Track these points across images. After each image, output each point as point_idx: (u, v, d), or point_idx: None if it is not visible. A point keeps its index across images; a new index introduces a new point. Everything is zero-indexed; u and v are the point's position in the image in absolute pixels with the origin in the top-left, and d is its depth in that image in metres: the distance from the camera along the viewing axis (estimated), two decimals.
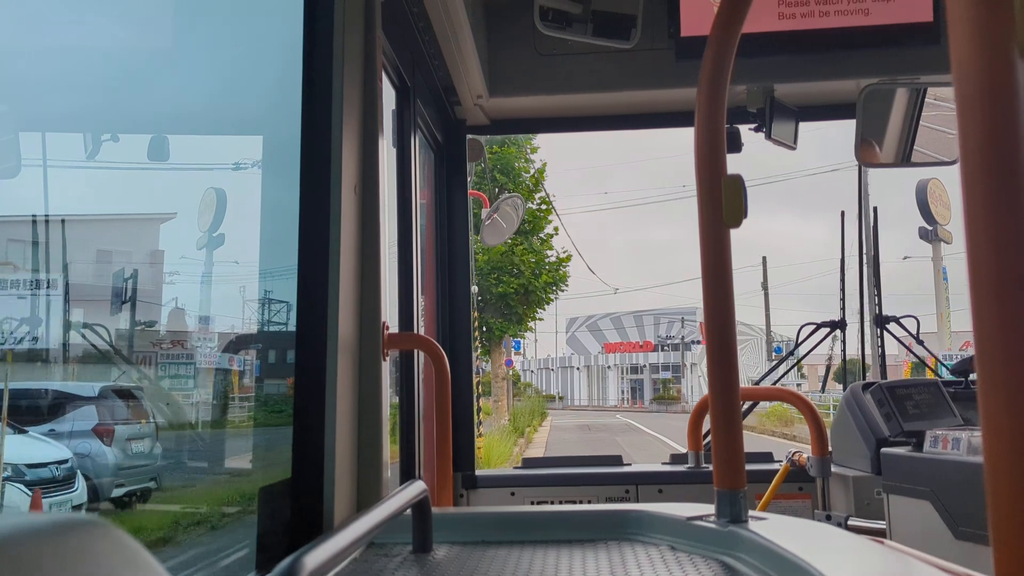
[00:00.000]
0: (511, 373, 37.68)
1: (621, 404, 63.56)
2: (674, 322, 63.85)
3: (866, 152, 3.01)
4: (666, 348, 62.49)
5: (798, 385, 47.85)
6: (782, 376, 4.27)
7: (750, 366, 54.12)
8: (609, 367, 67.27)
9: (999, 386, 0.53)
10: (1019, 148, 0.53)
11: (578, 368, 69.59)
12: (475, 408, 3.26)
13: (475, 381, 3.24)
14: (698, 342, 58.16)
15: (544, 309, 26.04)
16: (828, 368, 5.91)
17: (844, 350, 4.85)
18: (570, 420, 39.08)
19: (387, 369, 1.68)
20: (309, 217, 1.53)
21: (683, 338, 59.60)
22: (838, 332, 4.48)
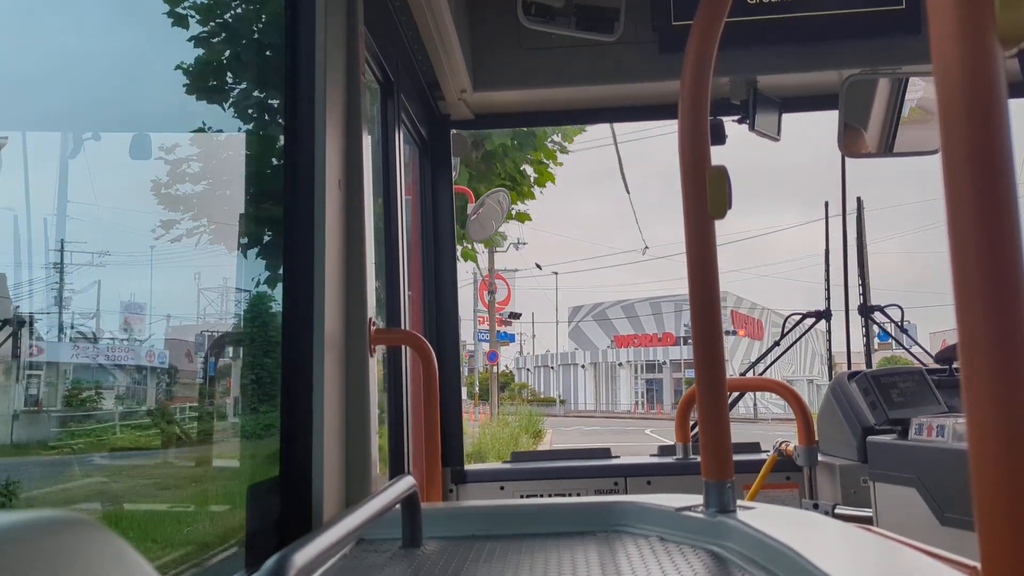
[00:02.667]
0: (496, 369, 34.04)
1: (635, 408, 52.39)
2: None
3: (850, 142, 3.02)
4: (691, 341, 52.93)
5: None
6: (769, 366, 4.29)
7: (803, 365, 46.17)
8: (620, 364, 55.19)
9: (982, 373, 0.54)
10: (1000, 138, 0.53)
11: (583, 366, 57.56)
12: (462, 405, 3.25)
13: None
14: (732, 333, 47.67)
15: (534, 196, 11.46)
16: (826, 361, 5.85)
17: (829, 339, 4.88)
18: (579, 440, 25.54)
19: (374, 365, 1.68)
20: (294, 213, 1.52)
21: None
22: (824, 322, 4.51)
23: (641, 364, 54.11)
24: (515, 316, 37.45)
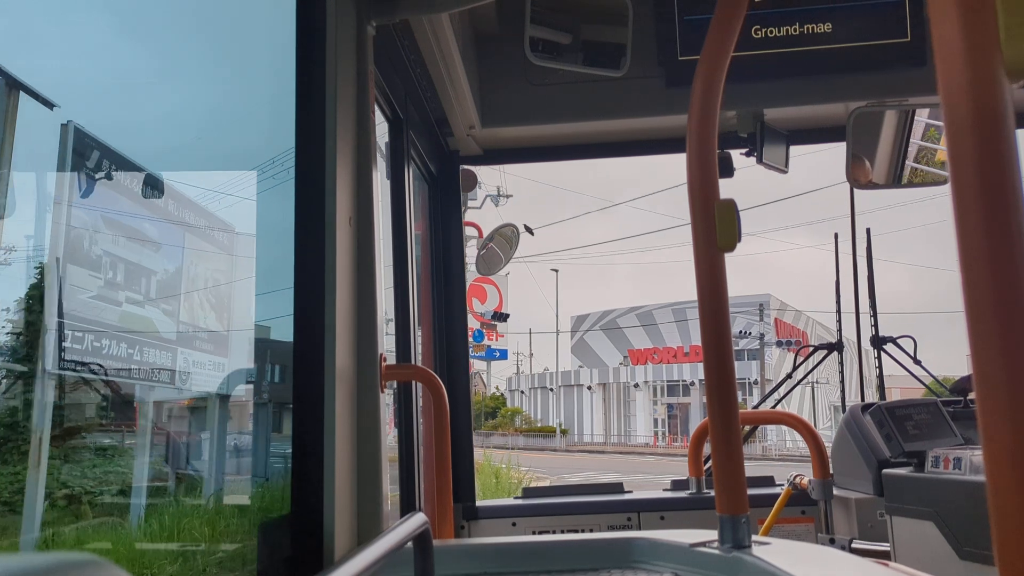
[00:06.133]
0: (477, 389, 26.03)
1: (655, 441, 42.82)
2: (739, 316, 38.71)
3: (857, 174, 3.03)
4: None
5: None
6: (782, 399, 4.26)
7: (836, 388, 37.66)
8: (636, 385, 44.94)
9: (998, 405, 0.53)
10: (1009, 167, 0.54)
11: (589, 387, 46.82)
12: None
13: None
14: (783, 344, 39.23)
15: None
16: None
17: (842, 371, 4.85)
18: None
19: (385, 401, 1.67)
20: (304, 250, 1.53)
21: (762, 338, 38.02)
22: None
23: (662, 385, 44.65)
24: (501, 317, 29.49)
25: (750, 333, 39.36)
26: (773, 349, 39.78)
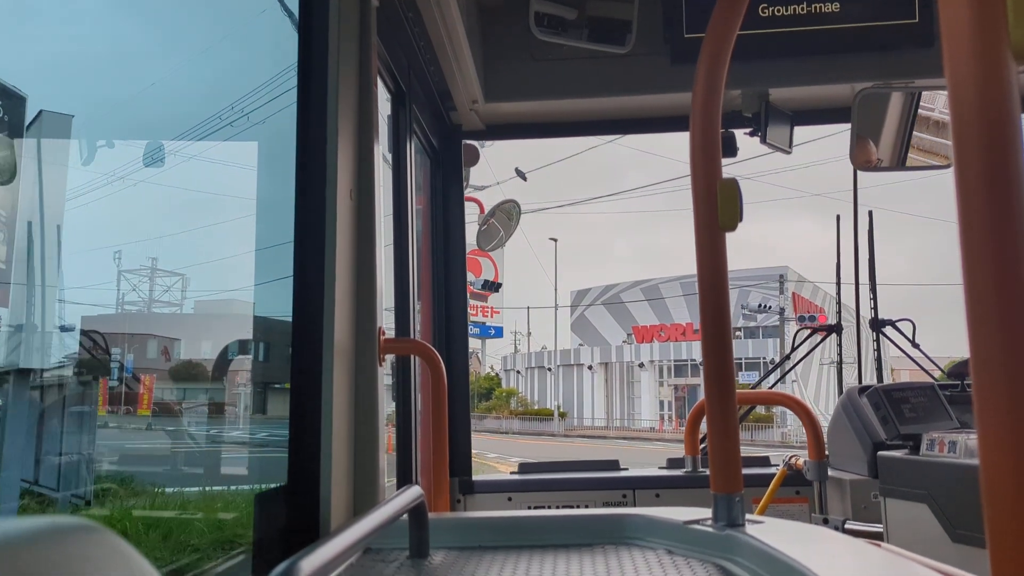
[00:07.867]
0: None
1: (661, 425, 39.43)
2: (753, 289, 38.18)
3: (861, 156, 3.02)
4: (739, 333, 36.70)
5: None
6: (777, 381, 4.27)
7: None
8: (641, 364, 42.05)
9: (995, 389, 0.53)
10: (1014, 151, 0.53)
11: (590, 366, 43.61)
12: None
13: None
14: (805, 320, 33.69)
15: None
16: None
17: (840, 354, 4.86)
18: None
19: (383, 374, 1.68)
20: (305, 222, 1.53)
21: (782, 312, 35.57)
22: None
23: (668, 364, 41.55)
24: (491, 287, 26.93)
25: (769, 307, 37.15)
26: (792, 325, 35.44)
